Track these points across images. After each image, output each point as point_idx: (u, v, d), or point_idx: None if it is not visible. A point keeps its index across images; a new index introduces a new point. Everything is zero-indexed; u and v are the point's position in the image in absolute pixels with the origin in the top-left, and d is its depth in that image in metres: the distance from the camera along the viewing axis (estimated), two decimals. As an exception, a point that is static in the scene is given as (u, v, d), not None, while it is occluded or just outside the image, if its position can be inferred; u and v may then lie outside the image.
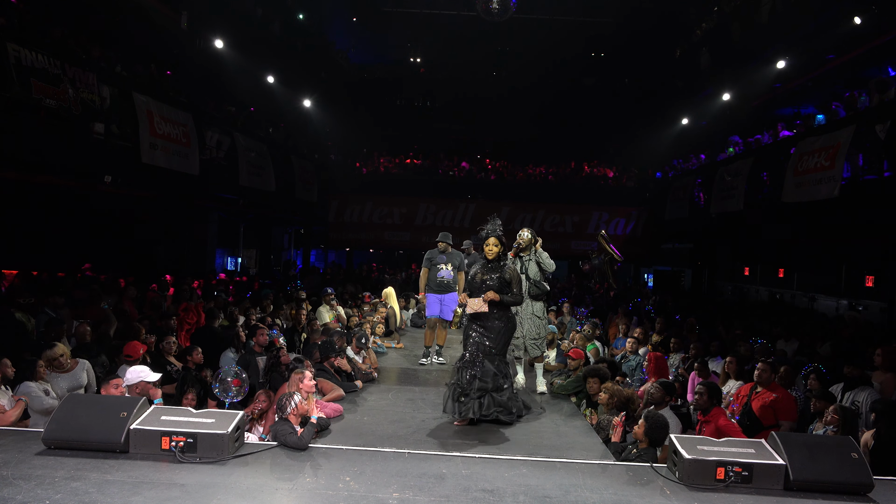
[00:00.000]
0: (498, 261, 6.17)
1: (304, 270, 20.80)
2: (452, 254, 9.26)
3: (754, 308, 14.21)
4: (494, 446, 5.32)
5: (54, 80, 9.76)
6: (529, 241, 7.33)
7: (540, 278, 7.30)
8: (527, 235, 7.36)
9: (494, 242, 6.16)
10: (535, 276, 7.28)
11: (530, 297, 7.22)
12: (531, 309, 7.26)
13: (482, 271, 6.17)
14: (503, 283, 6.06)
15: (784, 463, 4.36)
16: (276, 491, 4.07)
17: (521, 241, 7.32)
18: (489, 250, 6.15)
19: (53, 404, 5.54)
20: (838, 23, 12.22)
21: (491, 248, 6.14)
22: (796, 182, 12.04)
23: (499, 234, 6.18)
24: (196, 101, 14.63)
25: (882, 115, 10.18)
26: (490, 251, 6.15)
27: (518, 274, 6.35)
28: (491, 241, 6.16)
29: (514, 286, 6.11)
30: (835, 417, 5.46)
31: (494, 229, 6.21)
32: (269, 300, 11.10)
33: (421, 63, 22.83)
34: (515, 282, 6.14)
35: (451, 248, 9.31)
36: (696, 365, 7.87)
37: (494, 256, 6.15)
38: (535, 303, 7.28)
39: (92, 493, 3.84)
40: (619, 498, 4.17)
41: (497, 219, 6.30)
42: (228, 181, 15.48)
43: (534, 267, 7.32)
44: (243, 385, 6.14)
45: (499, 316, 6.06)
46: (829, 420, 5.52)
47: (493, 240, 6.16)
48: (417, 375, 8.41)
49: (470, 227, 21.05)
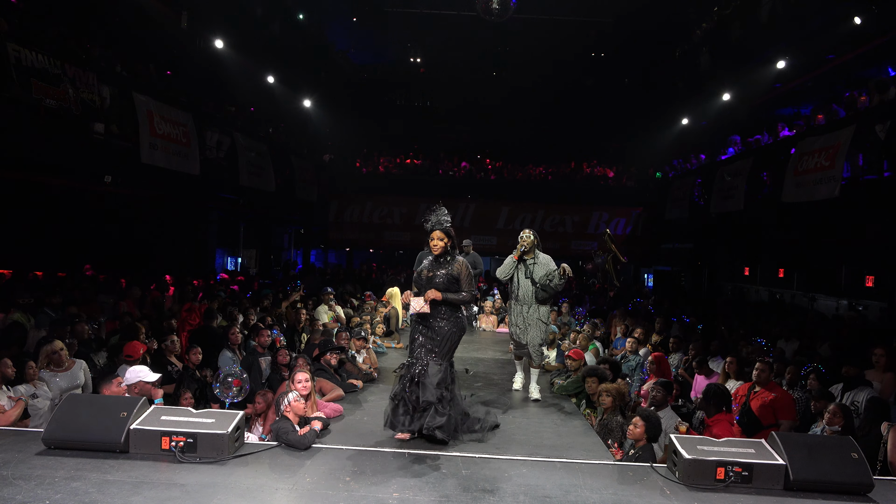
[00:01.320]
0: (446, 256, 5.49)
1: (303, 270, 20.79)
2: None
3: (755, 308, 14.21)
4: (494, 446, 5.32)
5: (54, 80, 9.77)
6: (533, 242, 6.97)
7: (547, 281, 6.88)
8: (530, 237, 6.98)
9: (439, 236, 5.45)
10: (541, 279, 6.89)
11: (536, 302, 6.95)
12: (537, 313, 6.98)
13: (429, 268, 5.53)
14: (451, 280, 5.42)
15: (784, 463, 4.36)
16: (276, 491, 4.07)
17: (523, 243, 6.92)
18: (434, 245, 5.45)
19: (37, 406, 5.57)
20: (838, 23, 12.23)
21: (436, 242, 5.44)
22: (796, 182, 12.05)
23: (445, 227, 5.47)
24: (196, 101, 14.63)
25: (882, 115, 10.17)
26: (435, 246, 5.45)
27: (469, 270, 5.56)
28: (435, 235, 5.46)
29: (463, 284, 5.44)
30: (839, 418, 5.46)
31: (439, 221, 5.49)
32: (269, 300, 11.10)
33: (421, 63, 22.81)
34: (465, 279, 5.45)
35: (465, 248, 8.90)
36: (694, 364, 7.89)
37: (441, 251, 5.46)
38: (542, 307, 7.01)
39: (92, 493, 3.84)
40: (618, 498, 4.17)
41: (442, 208, 5.57)
42: (228, 181, 15.49)
43: (539, 270, 6.93)
44: (244, 385, 6.14)
45: (445, 316, 5.42)
46: (831, 420, 5.51)
47: (438, 233, 5.46)
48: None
49: (470, 226, 21.08)
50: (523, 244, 6.91)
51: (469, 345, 10.43)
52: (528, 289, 6.93)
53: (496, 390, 7.41)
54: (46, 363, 6.04)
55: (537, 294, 6.93)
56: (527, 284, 6.94)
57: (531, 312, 6.96)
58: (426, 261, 5.62)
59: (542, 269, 6.93)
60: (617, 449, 5.73)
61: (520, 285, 7.00)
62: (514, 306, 7.12)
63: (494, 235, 21.79)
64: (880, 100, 10.57)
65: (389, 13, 18.78)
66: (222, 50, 15.23)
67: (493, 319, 12.61)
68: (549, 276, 6.86)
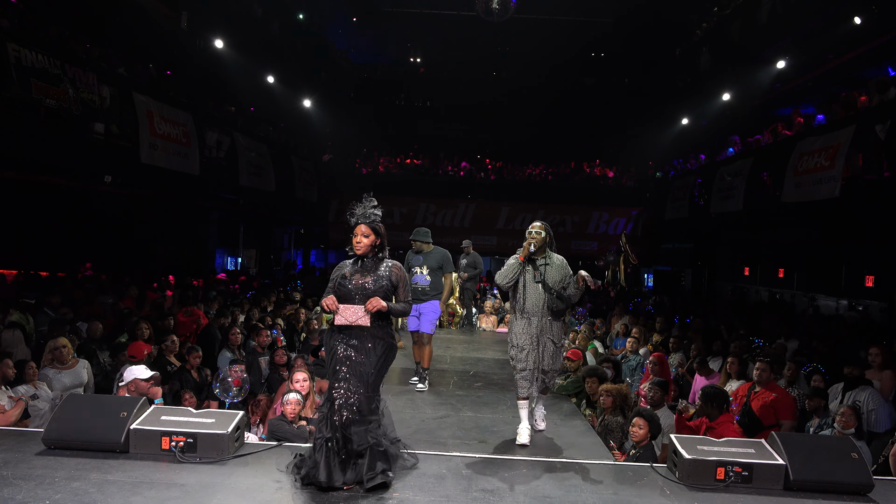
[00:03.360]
0: (375, 256, 4.36)
1: (303, 270, 20.81)
2: (431, 254, 7.66)
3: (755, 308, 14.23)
4: (494, 446, 5.32)
5: (54, 80, 9.78)
6: (545, 239, 5.39)
7: (561, 288, 5.34)
8: (541, 232, 5.38)
9: (364, 232, 4.30)
10: (556, 284, 5.33)
11: (549, 314, 5.34)
12: (549, 330, 5.37)
13: (353, 271, 4.34)
14: (389, 289, 4.29)
15: (784, 463, 4.36)
16: (277, 491, 4.07)
17: (533, 239, 5.33)
18: (357, 242, 4.30)
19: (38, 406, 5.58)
20: (838, 23, 12.24)
21: (359, 238, 4.29)
22: (796, 182, 12.04)
23: (372, 221, 4.32)
24: (196, 100, 14.64)
25: (882, 115, 10.17)
26: (358, 243, 4.30)
27: (406, 275, 4.46)
28: (359, 230, 4.31)
29: (401, 291, 4.35)
30: (853, 420, 5.47)
31: (365, 213, 4.35)
32: (270, 300, 11.11)
33: (421, 63, 22.84)
34: (404, 287, 4.36)
35: (432, 246, 7.78)
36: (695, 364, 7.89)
37: (366, 250, 4.31)
38: (555, 322, 5.40)
39: (92, 493, 3.84)
40: (618, 498, 4.17)
41: (372, 199, 4.40)
42: (228, 181, 15.50)
43: (554, 273, 5.35)
44: (244, 385, 6.15)
45: (380, 333, 4.26)
46: (846, 424, 5.52)
47: (364, 228, 4.31)
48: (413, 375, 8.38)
49: (470, 226, 21.09)
50: (533, 241, 5.33)
51: (469, 345, 10.45)
52: (539, 296, 5.32)
53: (496, 390, 7.41)
54: (50, 360, 6.05)
55: (550, 303, 5.33)
56: (536, 291, 5.33)
57: (542, 328, 5.34)
58: (349, 264, 4.41)
59: (557, 273, 5.37)
60: (618, 451, 5.73)
61: (527, 292, 5.36)
62: (518, 320, 5.42)
63: (494, 235, 21.82)
64: (880, 100, 10.57)
65: (389, 13, 18.80)
66: (222, 50, 15.24)
67: (493, 319, 12.61)
68: (564, 282, 5.38)
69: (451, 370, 7.93)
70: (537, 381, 5.36)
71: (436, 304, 7.43)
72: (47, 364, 6.04)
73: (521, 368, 5.33)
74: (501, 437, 5.60)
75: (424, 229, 7.82)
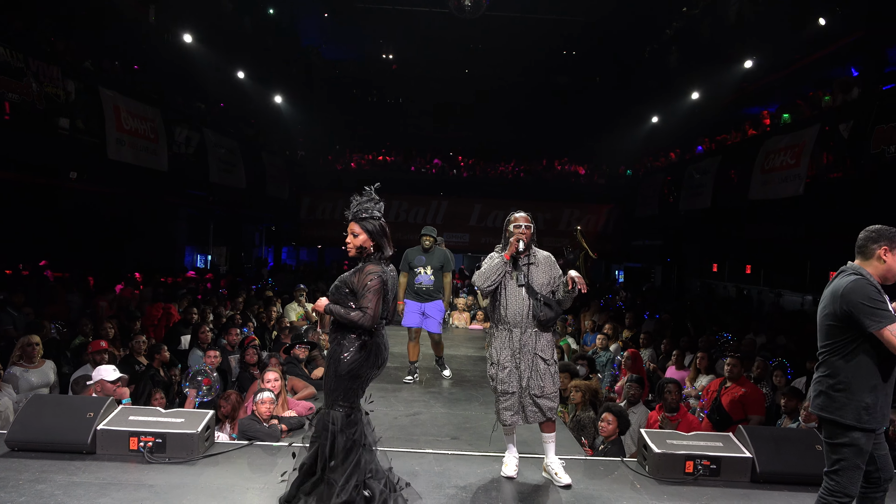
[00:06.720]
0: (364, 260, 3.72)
1: (275, 268, 20.63)
2: (433, 254, 7.51)
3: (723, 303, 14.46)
4: (467, 443, 5.34)
5: (17, 73, 9.54)
6: (533, 234, 4.47)
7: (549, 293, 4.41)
8: (530, 226, 4.45)
9: (353, 230, 3.72)
10: (543, 288, 4.40)
11: (538, 324, 4.36)
12: (536, 343, 4.35)
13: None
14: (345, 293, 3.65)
15: (751, 456, 4.45)
16: (248, 490, 4.04)
17: (522, 234, 4.39)
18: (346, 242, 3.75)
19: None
20: (804, 24, 12.49)
21: (348, 238, 3.74)
22: (763, 180, 12.26)
23: (363, 219, 3.70)
24: (164, 96, 14.40)
25: (845, 114, 10.39)
26: (347, 244, 3.74)
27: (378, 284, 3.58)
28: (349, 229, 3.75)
29: (366, 300, 3.54)
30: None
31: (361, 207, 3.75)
32: (241, 298, 11.00)
33: (393, 60, 22.74)
34: (373, 294, 3.53)
35: (437, 244, 7.73)
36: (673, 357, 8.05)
37: (354, 253, 3.73)
38: (543, 334, 4.39)
39: (58, 495, 3.77)
40: (590, 492, 4.22)
41: (369, 191, 3.80)
42: (198, 178, 15.28)
43: (540, 274, 4.42)
44: (214, 384, 6.08)
45: (336, 338, 3.67)
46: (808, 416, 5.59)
47: (354, 226, 3.72)
48: (389, 373, 8.37)
49: (443, 223, 21.07)
50: (522, 236, 4.39)
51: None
52: (522, 303, 4.35)
53: (468, 387, 7.42)
54: (19, 357, 5.94)
55: (536, 311, 4.35)
56: (519, 296, 4.36)
57: (525, 341, 4.34)
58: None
59: (543, 274, 4.44)
60: (589, 449, 5.78)
61: (509, 298, 4.39)
62: (500, 332, 4.44)
63: (467, 232, 21.86)
64: (844, 99, 10.81)
65: (361, 9, 18.69)
66: (191, 44, 15.01)
67: (465, 316, 12.64)
68: (553, 284, 4.45)
69: (423, 367, 7.93)
70: (528, 408, 4.31)
71: (440, 303, 7.54)
72: (15, 362, 5.93)
73: (502, 391, 4.34)
74: (474, 433, 5.62)
75: (432, 226, 7.93)
